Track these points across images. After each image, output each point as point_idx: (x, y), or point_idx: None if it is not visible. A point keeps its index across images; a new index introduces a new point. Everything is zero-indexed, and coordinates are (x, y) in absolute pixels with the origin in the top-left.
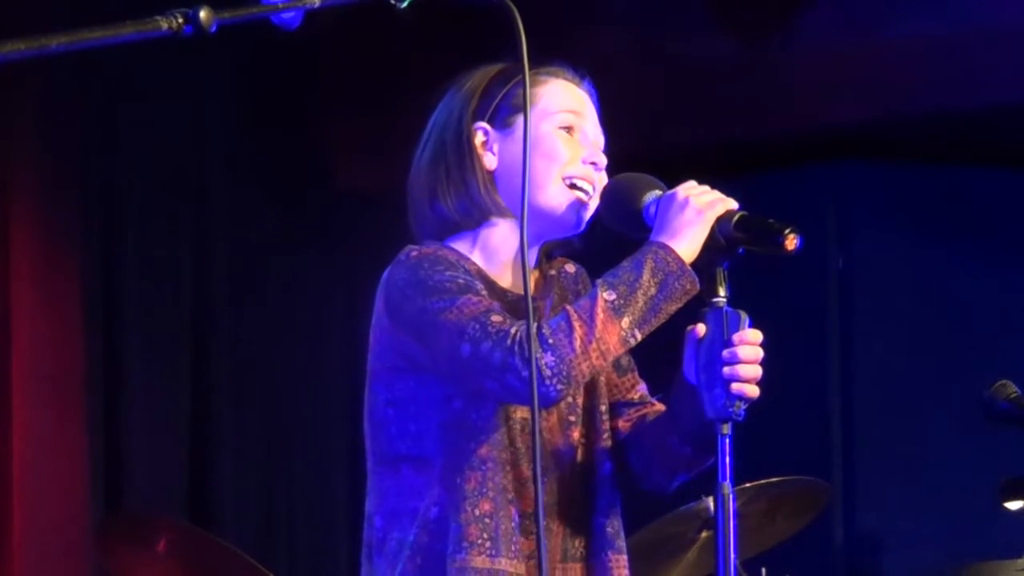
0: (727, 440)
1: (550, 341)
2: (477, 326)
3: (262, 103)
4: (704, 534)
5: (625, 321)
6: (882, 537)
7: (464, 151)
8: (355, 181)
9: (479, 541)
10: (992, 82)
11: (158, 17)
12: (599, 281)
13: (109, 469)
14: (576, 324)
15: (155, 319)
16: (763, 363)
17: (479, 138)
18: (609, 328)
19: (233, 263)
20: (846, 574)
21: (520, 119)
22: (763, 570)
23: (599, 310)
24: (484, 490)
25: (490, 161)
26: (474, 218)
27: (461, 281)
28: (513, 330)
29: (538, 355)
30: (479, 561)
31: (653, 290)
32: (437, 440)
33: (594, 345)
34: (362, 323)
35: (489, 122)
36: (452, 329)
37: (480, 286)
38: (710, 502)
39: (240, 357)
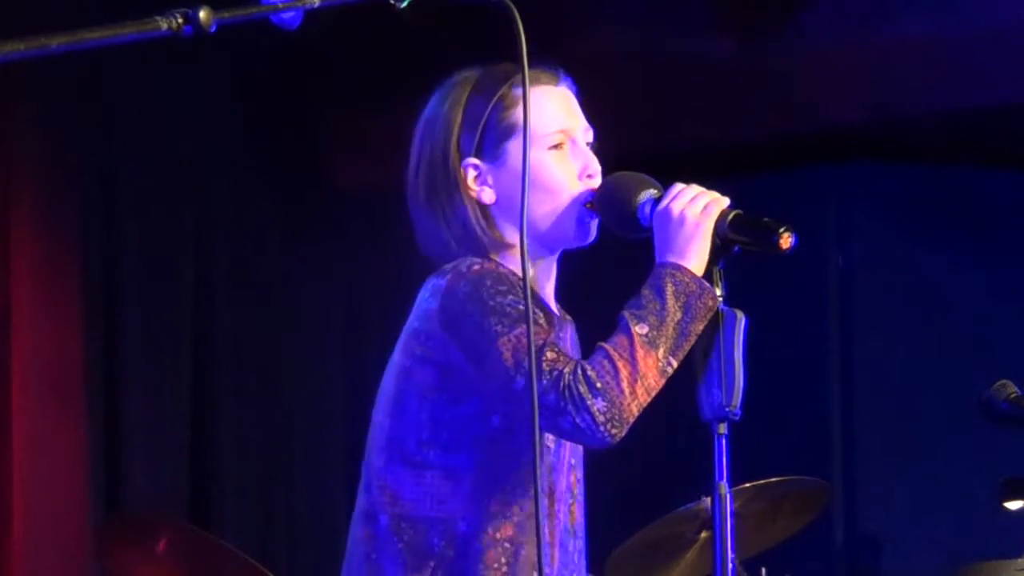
0: (724, 440)
1: (598, 385)
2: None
3: (262, 103)
4: (703, 534)
5: (661, 352)
6: (882, 537)
7: (455, 190)
8: (355, 181)
9: (495, 565)
10: (992, 82)
11: (158, 17)
12: (627, 315)
13: (109, 469)
14: (619, 364)
15: (155, 319)
16: (763, 362)
17: (471, 174)
18: (649, 363)
19: (233, 263)
20: (846, 574)
21: (509, 146)
22: (763, 570)
23: (637, 346)
24: (508, 514)
25: (488, 195)
26: (483, 251)
27: (521, 307)
28: (566, 371)
29: (589, 400)
30: None
31: (679, 314)
32: (469, 454)
33: (640, 383)
34: (362, 322)
35: (477, 155)
36: (508, 359)
37: (539, 312)
38: (709, 502)
39: (240, 357)
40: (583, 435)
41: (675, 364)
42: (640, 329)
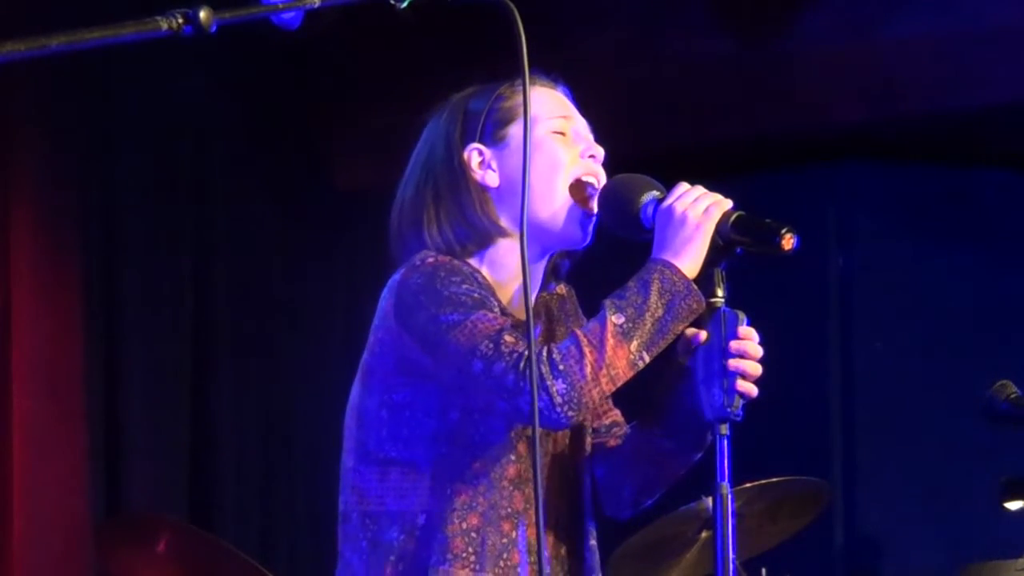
0: (725, 440)
1: (560, 367)
2: (491, 344)
3: (262, 103)
4: (704, 534)
5: (634, 344)
6: (882, 537)
7: (457, 176)
8: (355, 181)
9: (463, 554)
10: (992, 82)
11: (158, 17)
12: (607, 303)
13: (109, 469)
14: (586, 350)
15: (155, 319)
16: (763, 362)
17: (475, 159)
18: (619, 353)
19: (233, 263)
20: (846, 574)
21: (512, 129)
22: (763, 570)
23: (609, 335)
24: (474, 505)
25: (492, 179)
26: (474, 242)
27: (476, 295)
28: (526, 352)
29: (549, 381)
30: (463, 574)
31: (660, 311)
32: (429, 448)
33: (604, 371)
34: (362, 322)
35: (481, 141)
36: (464, 344)
37: (494, 302)
38: (710, 502)
39: (240, 357)
40: (540, 414)
41: (648, 359)
42: (616, 319)
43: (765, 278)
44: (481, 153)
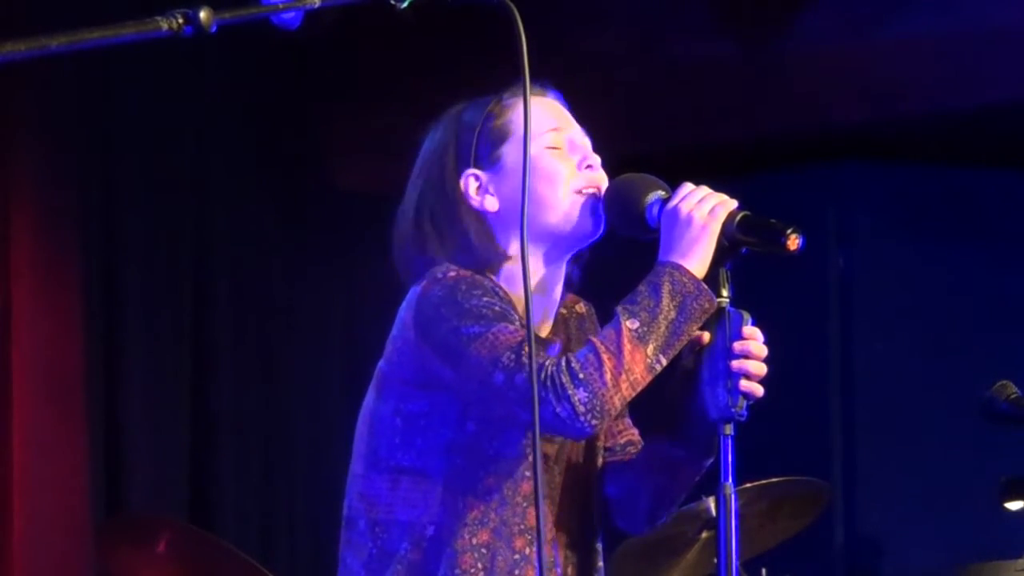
0: (729, 440)
1: (580, 376)
2: (512, 356)
3: (262, 103)
4: (704, 534)
5: (650, 348)
6: (882, 537)
7: (455, 206)
8: (355, 181)
9: (472, 570)
10: (992, 82)
11: (158, 17)
12: (619, 309)
13: (109, 469)
14: (604, 357)
15: (155, 319)
16: (765, 362)
17: (472, 185)
18: (636, 357)
19: (233, 263)
20: (846, 574)
21: (505, 149)
22: (763, 570)
23: (625, 340)
24: (486, 520)
25: (491, 204)
26: (483, 268)
27: (497, 308)
28: (548, 363)
29: (570, 391)
30: None
31: (673, 313)
32: (442, 459)
33: (623, 376)
34: (362, 322)
35: (476, 166)
36: (486, 356)
37: (515, 315)
38: (710, 502)
39: (240, 357)
40: (563, 424)
41: (664, 362)
42: (631, 324)
43: (765, 278)
44: (478, 178)
